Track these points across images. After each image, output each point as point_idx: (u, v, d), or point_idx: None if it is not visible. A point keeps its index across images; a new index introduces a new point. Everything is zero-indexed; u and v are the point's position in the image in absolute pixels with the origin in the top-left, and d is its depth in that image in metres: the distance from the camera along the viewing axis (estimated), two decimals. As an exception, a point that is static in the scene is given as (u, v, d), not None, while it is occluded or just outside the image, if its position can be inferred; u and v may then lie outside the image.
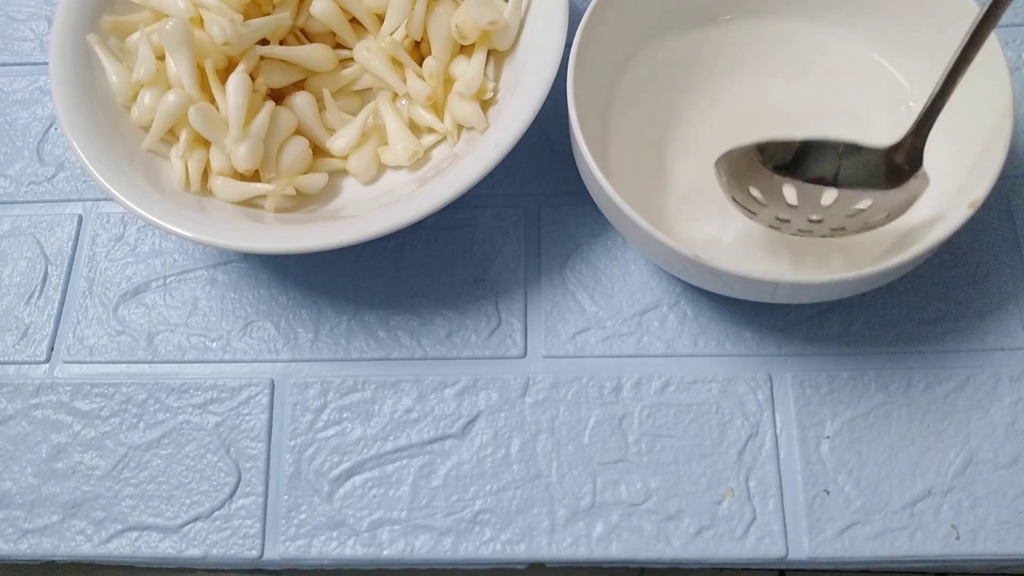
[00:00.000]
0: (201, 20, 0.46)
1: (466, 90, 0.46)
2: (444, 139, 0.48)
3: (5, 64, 0.57)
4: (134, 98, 0.47)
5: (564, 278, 0.47)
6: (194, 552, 0.43)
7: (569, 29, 0.45)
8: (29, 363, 0.48)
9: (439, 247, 0.49)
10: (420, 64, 0.48)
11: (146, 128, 0.47)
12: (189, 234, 0.42)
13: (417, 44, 0.49)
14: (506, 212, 0.49)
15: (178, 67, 0.44)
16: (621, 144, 0.47)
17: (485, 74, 0.47)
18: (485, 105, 0.47)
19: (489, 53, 0.48)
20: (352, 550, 0.43)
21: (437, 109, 0.48)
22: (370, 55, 0.47)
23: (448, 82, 0.48)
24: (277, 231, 0.43)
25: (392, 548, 0.43)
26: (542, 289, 0.47)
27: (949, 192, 0.42)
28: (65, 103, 0.45)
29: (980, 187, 0.39)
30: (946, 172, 0.43)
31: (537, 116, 0.43)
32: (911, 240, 0.42)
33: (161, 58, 0.46)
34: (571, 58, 0.42)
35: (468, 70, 0.47)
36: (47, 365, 0.48)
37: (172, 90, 0.45)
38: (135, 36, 0.47)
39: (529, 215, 0.49)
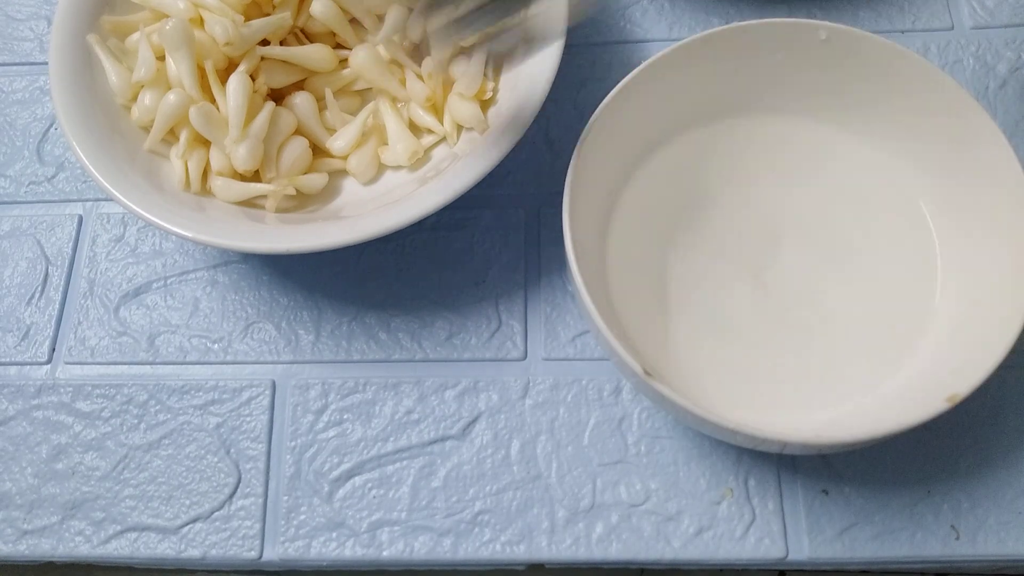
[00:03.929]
0: (202, 20, 0.46)
1: (466, 90, 0.46)
2: (444, 139, 0.48)
3: (5, 64, 0.57)
4: (134, 98, 0.47)
5: (564, 280, 0.47)
6: (193, 553, 0.43)
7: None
8: (31, 364, 0.48)
9: (439, 248, 0.49)
10: (419, 65, 0.48)
11: (146, 128, 0.47)
12: (189, 234, 0.42)
13: (416, 46, 0.49)
14: (506, 212, 0.49)
15: (178, 67, 0.44)
16: (621, 273, 0.45)
17: (485, 74, 0.47)
18: (485, 105, 0.47)
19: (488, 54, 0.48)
20: (352, 551, 0.43)
21: (436, 110, 0.48)
22: (368, 59, 0.47)
23: (447, 83, 0.48)
24: (277, 231, 0.43)
25: (392, 549, 0.43)
26: (542, 291, 0.47)
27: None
28: (65, 103, 0.45)
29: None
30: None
31: (537, 116, 0.43)
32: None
33: (161, 58, 0.46)
34: (567, 183, 0.40)
35: (468, 70, 0.46)
36: (48, 366, 0.48)
37: (173, 90, 0.45)
38: (135, 36, 0.47)
39: (529, 215, 0.49)
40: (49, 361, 0.48)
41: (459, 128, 0.48)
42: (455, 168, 0.43)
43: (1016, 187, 0.39)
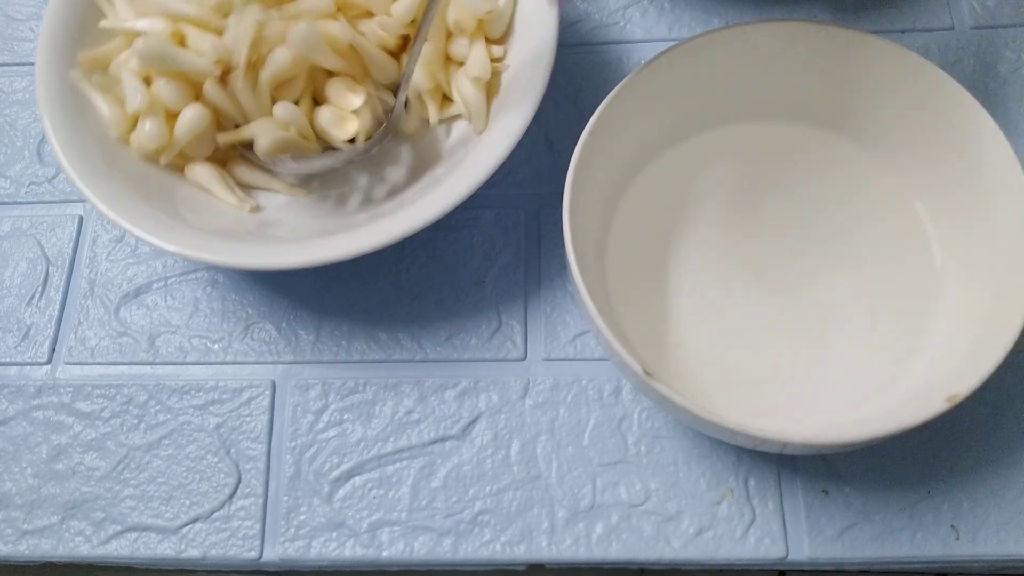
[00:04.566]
0: (183, 37, 0.45)
1: (481, 73, 0.46)
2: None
3: (5, 64, 0.57)
4: (130, 129, 0.46)
5: (564, 280, 0.47)
6: (193, 553, 0.43)
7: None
8: (31, 364, 0.48)
9: (439, 248, 0.49)
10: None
11: (147, 158, 0.46)
12: (206, 256, 0.42)
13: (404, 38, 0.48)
14: (506, 212, 0.49)
15: (161, 85, 0.44)
16: (621, 273, 0.45)
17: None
18: (492, 91, 0.47)
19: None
20: (351, 551, 0.43)
21: (436, 95, 0.48)
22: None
23: (447, 63, 0.47)
24: (277, 247, 0.43)
25: (392, 549, 0.43)
26: (542, 291, 0.47)
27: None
28: (64, 143, 0.44)
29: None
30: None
31: (537, 116, 0.43)
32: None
33: (149, 82, 0.45)
34: (567, 183, 0.40)
35: (474, 54, 0.46)
36: (49, 366, 0.48)
37: (189, 106, 0.45)
38: (121, 58, 0.46)
39: (529, 215, 0.49)
40: (49, 361, 0.48)
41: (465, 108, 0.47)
42: (453, 177, 0.43)
43: (1016, 187, 0.39)
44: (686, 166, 0.47)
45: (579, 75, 0.52)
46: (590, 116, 0.41)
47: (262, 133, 0.45)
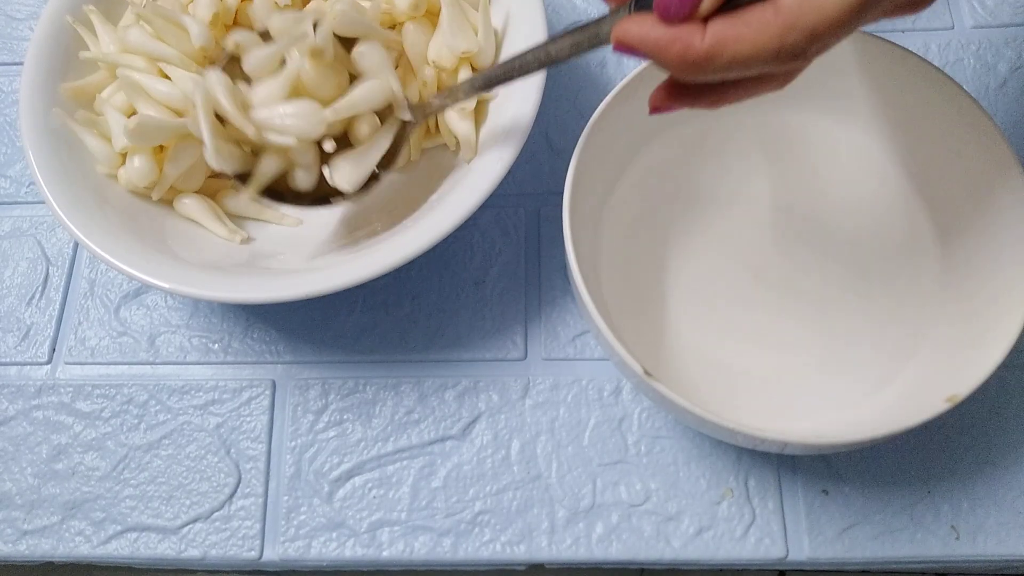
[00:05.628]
0: (160, 72, 0.45)
1: (467, 104, 0.45)
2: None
3: (5, 64, 0.57)
4: (119, 165, 0.45)
5: (564, 280, 0.47)
6: (193, 553, 0.43)
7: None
8: (31, 364, 0.48)
9: (439, 248, 0.48)
10: None
11: (138, 192, 0.46)
12: (209, 294, 0.41)
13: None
14: (506, 212, 0.49)
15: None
16: (621, 273, 0.45)
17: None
18: (479, 120, 0.46)
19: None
20: (352, 551, 0.43)
21: (424, 123, 0.47)
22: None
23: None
24: (270, 280, 0.42)
25: (392, 549, 0.43)
26: (542, 291, 0.47)
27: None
28: (51, 182, 0.43)
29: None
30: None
31: (537, 116, 0.43)
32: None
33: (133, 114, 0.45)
34: (567, 183, 0.40)
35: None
36: (49, 366, 0.48)
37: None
38: (105, 94, 0.46)
39: (529, 215, 0.49)
40: (49, 361, 0.48)
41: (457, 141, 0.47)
42: (447, 203, 0.42)
43: (1016, 187, 0.39)
44: (686, 165, 0.47)
45: (579, 75, 0.52)
46: (590, 116, 0.41)
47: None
